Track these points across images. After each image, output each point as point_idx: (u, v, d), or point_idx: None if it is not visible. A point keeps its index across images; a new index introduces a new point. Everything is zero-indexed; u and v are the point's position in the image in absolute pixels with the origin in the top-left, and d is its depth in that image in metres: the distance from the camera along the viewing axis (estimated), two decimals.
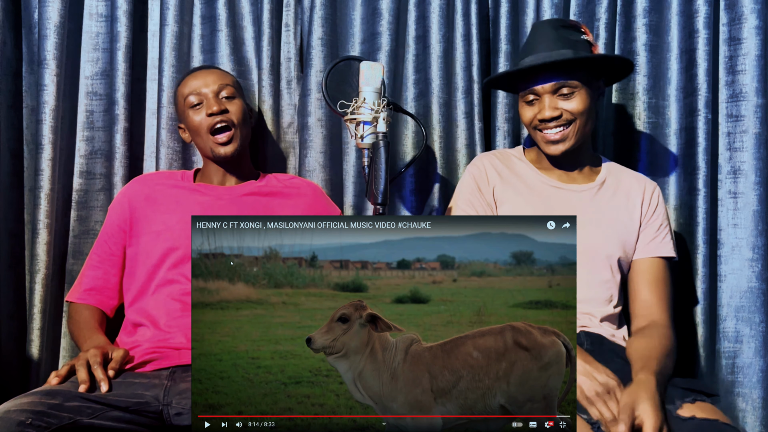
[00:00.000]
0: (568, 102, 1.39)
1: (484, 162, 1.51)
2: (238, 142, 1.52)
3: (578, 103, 1.39)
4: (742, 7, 1.63)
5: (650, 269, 1.43)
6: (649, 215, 1.46)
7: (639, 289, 1.43)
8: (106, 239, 1.53)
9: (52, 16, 1.67)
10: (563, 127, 1.40)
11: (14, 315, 1.70)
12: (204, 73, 1.56)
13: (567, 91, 1.39)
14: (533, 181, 1.49)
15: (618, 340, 1.39)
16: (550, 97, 1.40)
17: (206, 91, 1.52)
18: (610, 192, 1.48)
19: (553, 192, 1.47)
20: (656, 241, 1.45)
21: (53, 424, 1.11)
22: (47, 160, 1.65)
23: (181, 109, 1.55)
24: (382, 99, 1.43)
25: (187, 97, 1.52)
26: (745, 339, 1.59)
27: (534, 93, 1.42)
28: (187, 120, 1.53)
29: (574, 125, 1.40)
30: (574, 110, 1.39)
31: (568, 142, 1.41)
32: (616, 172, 1.52)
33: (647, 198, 1.48)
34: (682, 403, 1.15)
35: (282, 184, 1.61)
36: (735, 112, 1.64)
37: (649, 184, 1.50)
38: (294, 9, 1.78)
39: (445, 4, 1.72)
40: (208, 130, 1.50)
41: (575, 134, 1.41)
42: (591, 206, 1.45)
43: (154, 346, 1.36)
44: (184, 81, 1.57)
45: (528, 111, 1.44)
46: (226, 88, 1.54)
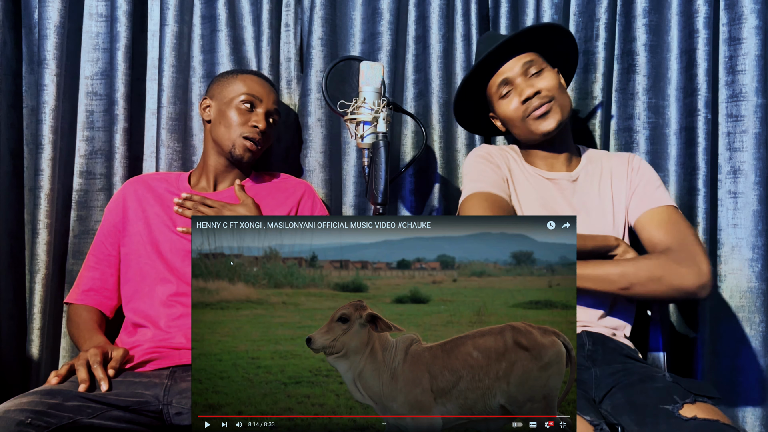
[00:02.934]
0: (541, 80, 1.42)
1: (491, 149, 1.53)
2: (255, 156, 1.56)
3: (550, 79, 1.42)
4: (742, 7, 1.64)
5: (654, 218, 1.39)
6: (634, 177, 1.47)
7: (652, 238, 1.38)
8: (103, 240, 1.54)
9: (52, 16, 1.67)
10: (547, 103, 1.42)
11: (14, 315, 1.70)
12: (268, 87, 1.59)
13: (535, 70, 1.43)
14: (529, 174, 1.50)
15: (620, 338, 1.38)
16: (523, 79, 1.43)
17: (262, 104, 1.55)
18: (595, 178, 1.49)
19: (547, 184, 1.48)
20: (648, 194, 1.43)
21: (53, 424, 1.11)
22: (47, 160, 1.65)
23: (227, 95, 1.55)
24: (382, 99, 1.43)
25: (243, 95, 1.54)
26: (745, 339, 1.59)
27: (507, 82, 1.44)
28: (228, 111, 1.54)
29: (556, 101, 1.42)
30: (549, 87, 1.42)
31: (556, 114, 1.42)
32: (596, 158, 1.53)
33: (630, 166, 1.49)
34: (683, 403, 1.15)
35: (274, 183, 1.61)
36: (735, 112, 1.64)
37: (631, 157, 1.51)
38: (294, 9, 1.78)
39: (445, 4, 1.72)
40: (241, 134, 1.53)
41: (559, 108, 1.42)
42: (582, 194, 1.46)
43: (154, 346, 1.36)
44: (248, 76, 1.57)
45: (508, 104, 1.46)
46: (276, 114, 1.59)
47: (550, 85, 1.42)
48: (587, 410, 1.16)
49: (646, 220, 1.40)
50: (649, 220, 1.40)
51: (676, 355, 1.67)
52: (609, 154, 1.55)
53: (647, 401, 1.17)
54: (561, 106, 1.43)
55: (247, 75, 1.58)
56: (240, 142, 1.53)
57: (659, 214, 1.40)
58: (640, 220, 1.41)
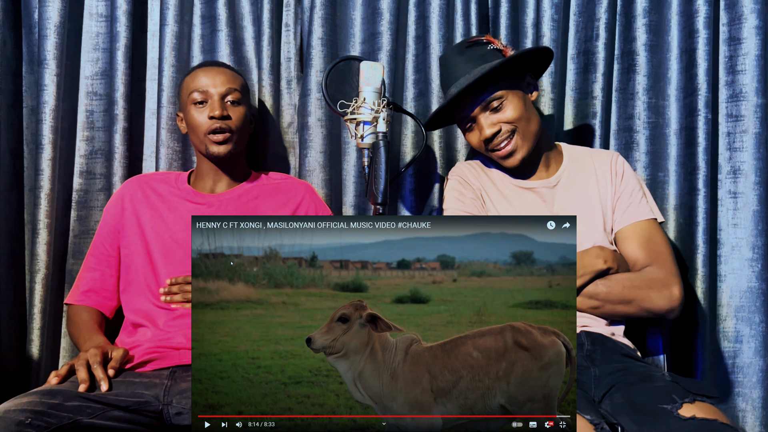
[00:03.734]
0: (502, 113, 1.41)
1: (463, 169, 1.54)
2: (233, 145, 1.50)
3: (511, 110, 1.41)
4: (742, 7, 1.63)
5: (635, 233, 1.42)
6: (618, 184, 1.47)
7: (631, 255, 1.40)
8: (102, 240, 1.54)
9: (52, 16, 1.67)
10: (508, 139, 1.42)
11: (14, 315, 1.70)
12: (214, 72, 1.52)
13: (496, 104, 1.41)
14: (505, 185, 1.50)
15: (619, 338, 1.39)
16: (484, 116, 1.42)
17: (213, 92, 1.49)
18: (579, 178, 1.49)
19: (525, 193, 1.48)
20: (632, 207, 1.44)
21: (53, 424, 1.11)
22: (47, 160, 1.65)
23: (184, 101, 1.53)
24: (382, 99, 1.43)
25: (192, 93, 1.49)
26: (745, 339, 1.59)
27: (469, 119, 1.45)
28: (188, 115, 1.51)
29: (518, 133, 1.42)
30: (510, 119, 1.41)
31: (521, 150, 1.43)
32: (578, 156, 1.53)
33: (613, 168, 1.49)
34: (682, 402, 1.15)
35: (273, 183, 1.60)
36: (735, 112, 1.64)
37: (613, 156, 1.51)
38: (294, 9, 1.78)
39: (445, 4, 1.72)
40: (206, 131, 1.48)
41: (523, 140, 1.42)
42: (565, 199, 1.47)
43: (154, 346, 1.36)
44: (194, 73, 1.53)
45: (473, 137, 1.47)
46: (233, 92, 1.51)
47: (511, 117, 1.41)
48: (587, 410, 1.16)
49: (627, 235, 1.42)
50: (629, 235, 1.42)
51: (676, 355, 1.67)
52: (591, 152, 1.54)
53: (646, 401, 1.17)
54: (524, 136, 1.42)
55: (192, 72, 1.54)
56: (207, 140, 1.48)
57: (641, 231, 1.42)
58: (622, 233, 1.43)
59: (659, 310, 1.34)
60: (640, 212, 1.44)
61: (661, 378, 1.23)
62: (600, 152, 1.54)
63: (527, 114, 1.42)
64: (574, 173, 1.50)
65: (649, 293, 1.33)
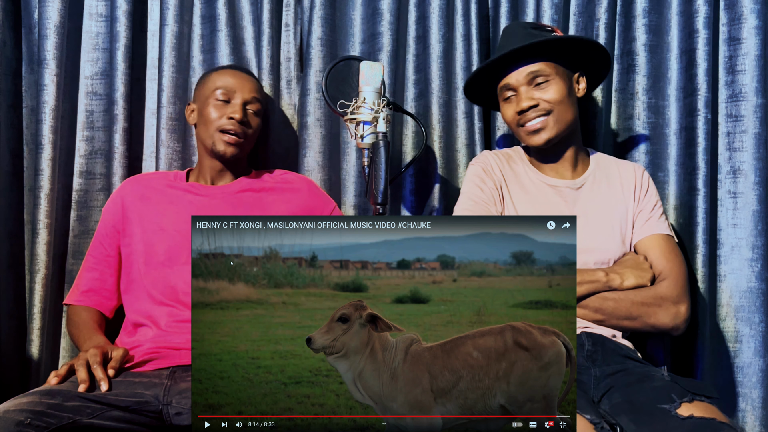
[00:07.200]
0: (544, 92, 1.41)
1: (489, 157, 1.52)
2: (239, 151, 1.53)
3: (554, 92, 1.41)
4: (742, 7, 1.63)
5: (657, 244, 1.43)
6: (642, 197, 1.48)
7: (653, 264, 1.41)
8: (101, 240, 1.54)
9: (52, 16, 1.67)
10: (543, 117, 1.42)
11: (14, 315, 1.70)
12: (244, 78, 1.56)
13: (541, 80, 1.41)
14: (530, 180, 1.49)
15: (619, 339, 1.39)
16: (526, 88, 1.42)
17: (238, 95, 1.52)
18: (603, 185, 1.49)
19: (548, 191, 1.48)
20: (653, 221, 1.46)
21: (53, 424, 1.11)
22: (47, 160, 1.65)
23: (205, 94, 1.54)
24: (382, 99, 1.43)
25: (218, 90, 1.52)
26: (744, 339, 1.59)
27: (510, 88, 1.44)
28: (206, 109, 1.53)
29: (553, 115, 1.42)
30: (550, 99, 1.41)
31: (549, 130, 1.42)
32: (605, 164, 1.53)
33: (638, 182, 1.50)
34: (680, 402, 1.15)
35: (274, 179, 1.61)
36: (735, 112, 1.64)
37: (638, 169, 1.53)
38: (294, 9, 1.78)
39: (445, 5, 1.72)
40: (219, 127, 1.50)
41: (555, 124, 1.42)
42: (587, 202, 1.46)
43: (154, 346, 1.36)
44: (222, 71, 1.56)
45: (508, 109, 1.46)
46: (256, 103, 1.55)
47: (551, 98, 1.41)
48: (587, 409, 1.16)
49: (649, 245, 1.44)
50: (651, 246, 1.43)
51: (676, 355, 1.67)
52: (618, 162, 1.55)
53: (645, 400, 1.17)
54: (558, 120, 1.42)
55: (221, 70, 1.58)
56: (218, 136, 1.51)
57: (663, 242, 1.44)
58: (643, 242, 1.45)
59: (664, 327, 1.35)
60: (660, 227, 1.46)
61: (660, 378, 1.23)
62: (626, 163, 1.55)
63: (568, 102, 1.43)
64: (600, 179, 1.50)
65: (657, 310, 1.35)
